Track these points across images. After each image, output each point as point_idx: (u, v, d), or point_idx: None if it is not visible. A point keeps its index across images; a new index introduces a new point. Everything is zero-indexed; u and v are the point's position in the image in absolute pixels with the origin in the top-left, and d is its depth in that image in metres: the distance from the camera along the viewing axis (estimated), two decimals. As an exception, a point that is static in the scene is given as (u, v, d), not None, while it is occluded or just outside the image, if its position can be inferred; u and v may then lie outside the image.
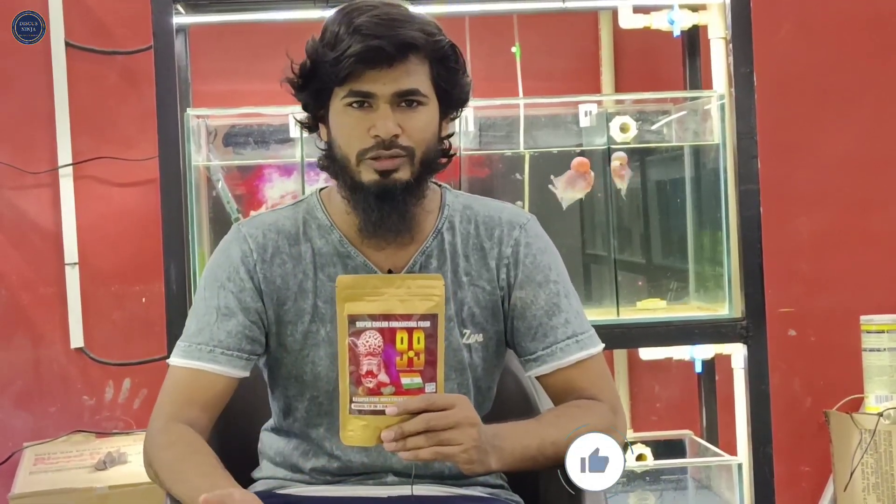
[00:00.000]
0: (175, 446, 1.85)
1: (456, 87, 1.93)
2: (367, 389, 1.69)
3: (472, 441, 1.72)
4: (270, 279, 1.94)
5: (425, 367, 1.70)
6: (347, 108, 1.86)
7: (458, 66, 1.93)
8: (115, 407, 3.70)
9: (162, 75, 3.01)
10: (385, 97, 1.84)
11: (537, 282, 1.98)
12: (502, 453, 1.80)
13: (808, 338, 3.85)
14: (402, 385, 1.69)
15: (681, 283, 3.42)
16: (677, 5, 3.28)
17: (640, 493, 3.41)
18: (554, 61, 3.77)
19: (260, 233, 1.97)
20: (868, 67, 3.87)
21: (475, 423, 1.73)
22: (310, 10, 3.09)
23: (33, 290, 3.71)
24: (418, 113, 1.87)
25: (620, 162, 3.22)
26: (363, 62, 1.81)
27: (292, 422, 1.99)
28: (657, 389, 3.83)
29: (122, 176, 3.68)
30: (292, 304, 1.94)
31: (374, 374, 1.68)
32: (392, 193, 1.87)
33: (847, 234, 3.86)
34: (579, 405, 1.94)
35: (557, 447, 1.84)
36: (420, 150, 1.88)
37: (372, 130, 1.84)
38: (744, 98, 3.11)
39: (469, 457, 1.72)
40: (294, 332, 1.94)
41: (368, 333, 1.69)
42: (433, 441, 1.68)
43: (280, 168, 3.26)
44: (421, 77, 1.87)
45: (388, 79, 1.84)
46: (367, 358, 1.69)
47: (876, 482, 3.35)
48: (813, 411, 3.77)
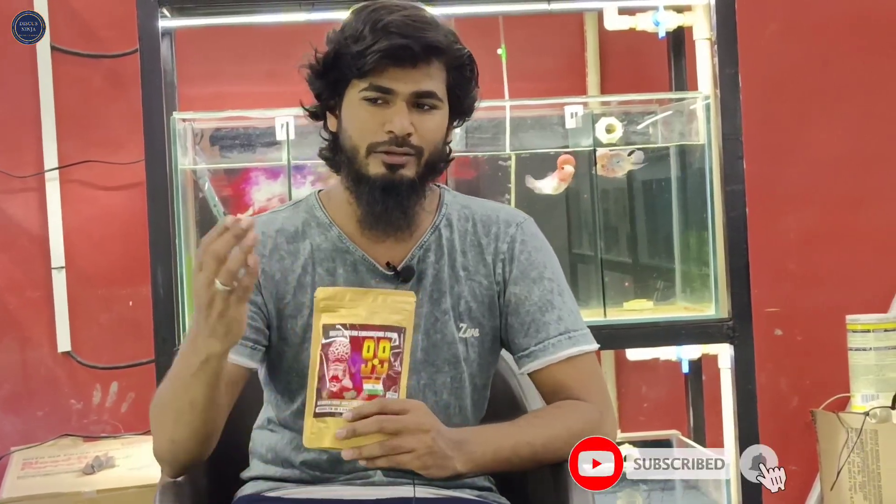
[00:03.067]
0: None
1: (468, 96, 1.98)
2: (331, 393, 1.73)
3: (424, 447, 1.74)
4: (269, 274, 1.97)
5: (387, 375, 1.74)
6: (363, 102, 1.89)
7: (473, 76, 1.97)
8: (103, 411, 3.70)
9: (148, 79, 3.02)
10: (404, 95, 1.88)
11: (531, 278, 2.01)
12: (471, 455, 1.82)
13: (794, 337, 3.86)
14: (363, 391, 1.73)
15: (667, 284, 3.43)
16: (662, 7, 3.30)
17: (629, 493, 3.42)
18: (540, 63, 3.78)
19: (259, 230, 1.98)
20: (853, 67, 3.88)
21: (428, 428, 1.75)
22: (295, 13, 3.10)
23: (20, 293, 3.71)
24: (432, 116, 1.91)
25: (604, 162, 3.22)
26: (389, 58, 1.85)
27: (288, 414, 2.00)
28: (644, 390, 3.85)
29: (108, 179, 3.69)
30: (291, 298, 1.97)
31: (339, 379, 1.73)
32: (397, 188, 1.90)
33: (833, 234, 3.87)
34: (560, 405, 1.96)
35: (534, 447, 1.87)
36: (427, 152, 1.91)
37: (387, 126, 1.88)
38: (729, 99, 3.12)
39: (423, 462, 1.75)
40: (294, 325, 1.96)
41: (339, 341, 1.74)
42: (386, 448, 1.72)
43: (266, 171, 3.26)
44: (438, 82, 1.91)
45: (409, 78, 1.87)
46: (334, 363, 1.73)
47: (862, 481, 3.36)
48: (800, 411, 3.78)
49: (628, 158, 3.22)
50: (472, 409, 2.01)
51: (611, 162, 3.23)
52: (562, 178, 3.22)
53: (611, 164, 3.23)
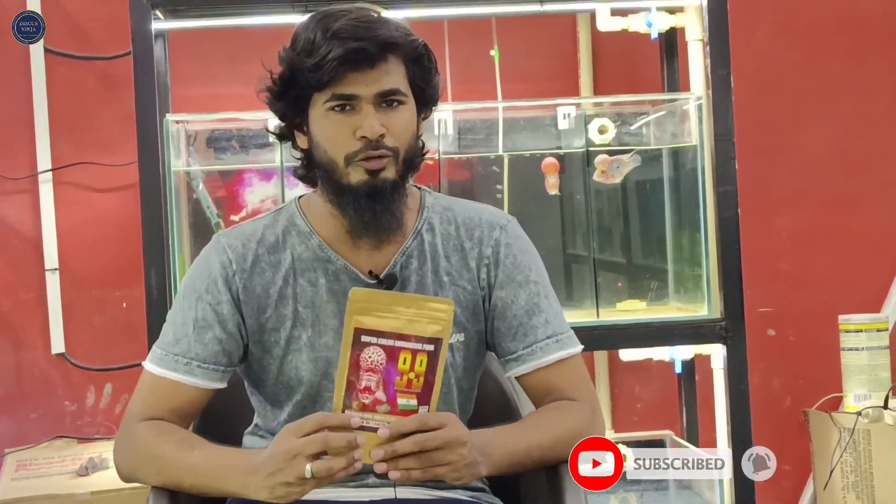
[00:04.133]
0: (157, 436, 1.88)
1: (429, 85, 1.95)
2: (362, 405, 1.69)
3: (461, 459, 1.73)
4: (250, 288, 1.95)
5: (423, 389, 1.70)
6: (330, 113, 1.87)
7: (431, 65, 1.95)
8: (97, 412, 3.70)
9: (141, 80, 3.02)
10: (368, 98, 1.86)
11: (517, 282, 2.00)
12: (492, 460, 1.81)
13: (787, 337, 3.87)
14: (397, 405, 1.69)
15: (660, 284, 3.43)
16: (655, 8, 3.30)
17: (622, 493, 3.42)
18: (533, 64, 3.78)
19: (239, 243, 1.98)
20: (845, 68, 3.89)
21: (465, 440, 1.73)
22: (288, 15, 3.10)
23: (14, 295, 3.71)
24: (400, 112, 1.89)
25: (604, 168, 3.23)
26: (346, 64, 1.83)
27: (276, 425, 1.99)
28: (637, 390, 3.85)
29: (101, 181, 3.68)
30: (273, 311, 1.95)
31: (372, 391, 1.68)
32: (382, 193, 1.88)
33: (825, 234, 3.88)
34: (560, 407, 1.96)
35: (542, 450, 1.88)
36: (403, 150, 1.90)
37: (358, 132, 1.85)
38: (721, 100, 3.12)
39: (459, 474, 1.74)
40: (277, 338, 1.95)
41: (372, 349, 1.69)
42: (424, 462, 1.69)
43: (260, 172, 3.27)
44: (399, 77, 1.89)
45: (370, 80, 1.85)
46: (366, 373, 1.69)
47: (855, 480, 3.37)
48: (792, 410, 3.79)
49: (628, 163, 3.22)
50: (459, 412, 2.01)
51: (610, 168, 3.22)
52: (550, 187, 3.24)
53: (610, 169, 3.22)
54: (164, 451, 1.86)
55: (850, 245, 3.88)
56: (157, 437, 1.88)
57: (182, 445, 1.85)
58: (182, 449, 1.85)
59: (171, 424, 1.91)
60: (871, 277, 3.88)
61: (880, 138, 3.91)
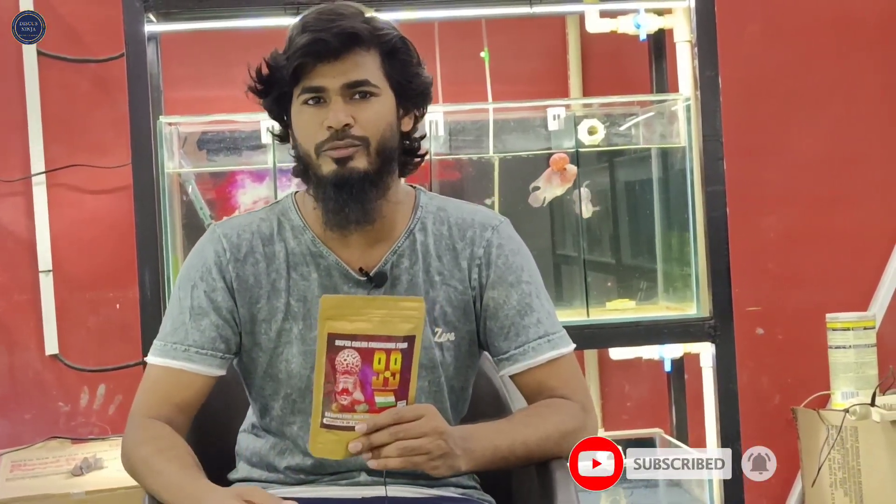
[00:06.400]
0: (151, 442, 1.89)
1: (411, 80, 1.96)
2: (341, 406, 1.72)
3: (438, 450, 1.76)
4: (243, 278, 1.97)
5: (399, 386, 1.73)
6: (304, 107, 1.91)
7: (410, 59, 1.96)
8: (91, 413, 3.71)
9: (134, 83, 3.03)
10: (336, 90, 1.88)
11: (509, 282, 2.01)
12: (472, 454, 1.83)
13: (775, 336, 3.89)
14: (375, 403, 1.72)
15: (649, 284, 3.45)
16: (643, 10, 3.32)
17: (612, 490, 3.43)
18: (522, 65, 3.80)
19: (234, 233, 2.00)
20: (832, 68, 3.91)
21: (442, 431, 1.76)
22: (280, 17, 3.11)
23: (8, 297, 3.71)
24: (370, 104, 1.90)
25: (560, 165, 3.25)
26: (309, 56, 1.86)
27: (269, 420, 2.01)
28: (627, 389, 3.86)
29: (95, 183, 3.69)
30: (265, 302, 1.97)
31: (349, 392, 1.71)
32: (349, 182, 1.89)
33: (813, 234, 3.90)
34: (549, 404, 1.97)
35: (528, 447, 1.89)
36: (375, 140, 1.90)
37: (325, 122, 1.88)
38: (709, 101, 3.14)
39: (436, 463, 1.76)
40: (268, 330, 1.97)
41: (347, 352, 1.72)
42: (402, 450, 1.72)
43: (252, 174, 3.28)
44: (370, 69, 1.91)
45: (336, 72, 1.88)
46: (343, 376, 1.71)
47: (843, 477, 3.38)
48: (781, 408, 3.81)
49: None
50: (452, 412, 2.02)
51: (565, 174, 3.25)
52: (565, 180, 3.24)
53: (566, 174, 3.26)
54: (139, 456, 1.88)
55: (838, 244, 3.90)
56: (140, 444, 1.89)
57: (151, 461, 1.86)
58: (150, 466, 1.86)
59: (164, 427, 1.92)
60: (859, 276, 3.90)
61: (867, 138, 3.93)
